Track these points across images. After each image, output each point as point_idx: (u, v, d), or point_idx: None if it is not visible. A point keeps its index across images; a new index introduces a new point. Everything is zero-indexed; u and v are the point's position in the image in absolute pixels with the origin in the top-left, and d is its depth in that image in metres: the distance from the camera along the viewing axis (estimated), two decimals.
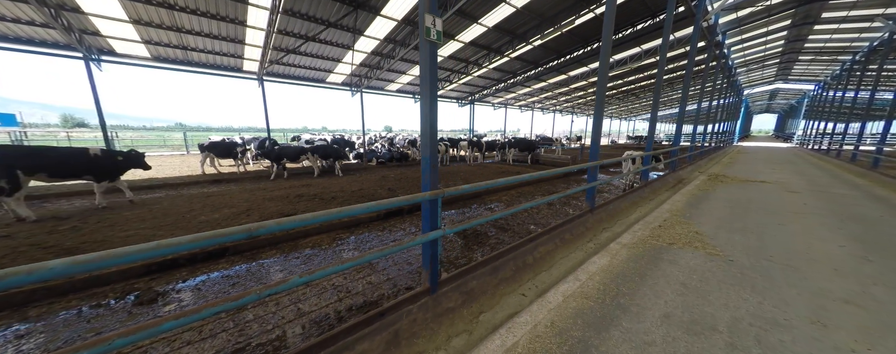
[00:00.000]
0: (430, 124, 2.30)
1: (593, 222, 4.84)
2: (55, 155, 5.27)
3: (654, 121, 7.47)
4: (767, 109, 56.52)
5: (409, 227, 5.46)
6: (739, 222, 4.48)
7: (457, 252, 4.33)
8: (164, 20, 8.05)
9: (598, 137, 5.01)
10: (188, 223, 4.92)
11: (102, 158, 5.75)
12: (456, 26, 10.17)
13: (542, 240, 3.79)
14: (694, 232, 4.04)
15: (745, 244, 3.61)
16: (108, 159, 5.85)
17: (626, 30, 11.52)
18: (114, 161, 5.95)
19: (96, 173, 5.67)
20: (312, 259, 4.08)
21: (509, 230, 5.39)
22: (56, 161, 5.22)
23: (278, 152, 9.22)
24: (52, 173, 5.19)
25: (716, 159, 14.67)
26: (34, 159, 5.02)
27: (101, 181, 5.81)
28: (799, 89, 30.96)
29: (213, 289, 3.30)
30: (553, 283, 3.00)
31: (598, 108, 4.87)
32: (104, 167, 5.77)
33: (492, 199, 7.97)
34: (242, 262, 3.94)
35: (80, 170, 5.48)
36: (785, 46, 16.97)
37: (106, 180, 5.88)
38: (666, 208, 5.47)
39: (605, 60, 4.61)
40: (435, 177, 2.40)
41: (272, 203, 6.28)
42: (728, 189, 7.02)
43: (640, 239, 3.88)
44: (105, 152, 5.87)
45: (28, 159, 4.96)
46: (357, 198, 7.02)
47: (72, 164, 5.40)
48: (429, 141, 2.33)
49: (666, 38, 6.95)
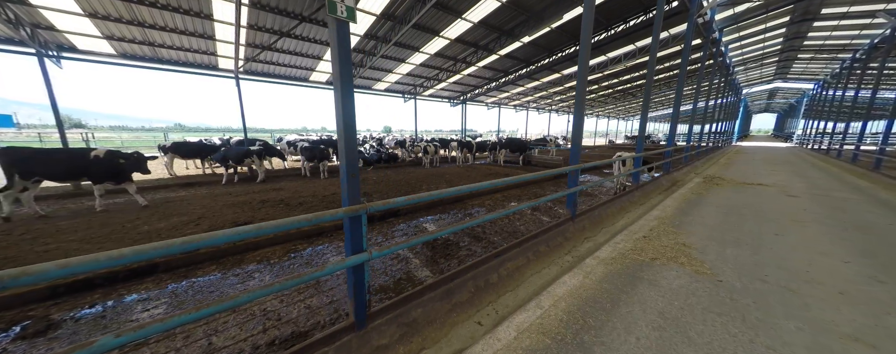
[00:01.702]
0: (346, 120, 1.89)
1: (574, 231, 4.45)
2: (54, 157, 5.26)
3: (644, 121, 7.09)
4: (766, 108, 56.55)
5: (383, 234, 5.03)
6: (733, 231, 4.09)
7: (420, 267, 3.91)
8: (123, 14, 7.61)
9: (579, 138, 4.63)
10: (126, 234, 4.48)
11: (103, 160, 5.64)
12: (438, 21, 9.78)
13: (510, 254, 3.39)
14: (681, 244, 3.65)
15: (737, 259, 3.22)
16: (109, 161, 5.73)
17: (617, 26, 11.18)
18: (115, 164, 5.80)
19: (95, 175, 5.58)
20: (253, 276, 3.65)
21: (484, 239, 4.99)
22: (54, 163, 5.21)
23: (223, 155, 8.76)
24: (50, 176, 5.20)
25: (713, 159, 14.34)
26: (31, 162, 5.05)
27: (100, 184, 5.71)
28: (798, 89, 30.81)
29: (119, 317, 2.86)
30: (517, 307, 2.60)
31: (578, 108, 4.48)
32: (104, 169, 5.65)
33: (473, 203, 7.56)
34: (172, 281, 3.51)
35: (77, 172, 5.41)
36: (784, 43, 16.70)
37: (106, 182, 5.78)
38: (654, 215, 5.09)
39: (585, 60, 4.25)
40: (354, 189, 1.98)
41: (230, 210, 5.85)
42: (723, 193, 6.65)
43: (621, 253, 3.48)
44: (109, 153, 5.76)
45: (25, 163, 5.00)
46: (326, 204, 6.60)
47: (70, 166, 5.35)
48: (346, 141, 1.91)
49: (656, 34, 6.59)
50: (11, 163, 4.92)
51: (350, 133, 1.91)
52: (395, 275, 3.70)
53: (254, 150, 9.57)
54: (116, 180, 5.87)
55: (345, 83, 1.84)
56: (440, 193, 2.44)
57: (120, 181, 5.94)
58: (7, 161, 4.90)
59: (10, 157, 4.94)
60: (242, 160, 9.40)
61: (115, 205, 6.27)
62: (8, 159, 4.93)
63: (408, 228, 5.63)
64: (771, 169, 10.60)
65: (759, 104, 49.74)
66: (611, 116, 41.43)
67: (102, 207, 5.90)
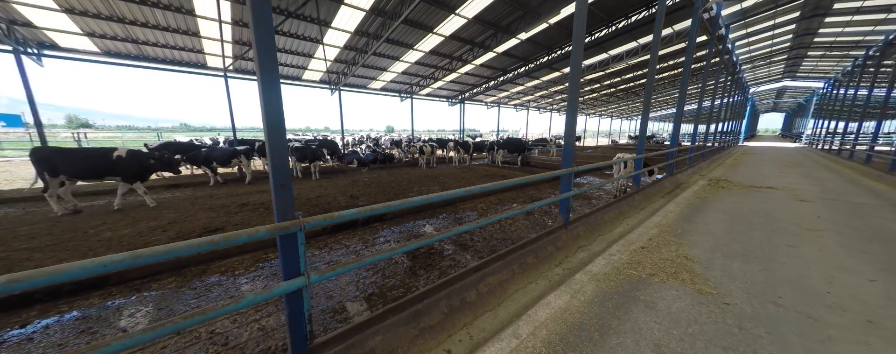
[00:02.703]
0: (271, 117, 1.58)
1: (567, 239, 4.12)
2: (79, 157, 5.50)
3: (645, 121, 6.74)
4: (774, 107, 55.68)
5: (364, 241, 4.72)
6: (740, 242, 3.74)
7: (397, 279, 3.60)
8: (101, 9, 7.38)
9: (572, 139, 4.30)
10: (85, 242, 4.21)
11: (127, 159, 5.84)
12: (431, 16, 9.47)
13: (493, 267, 3.07)
14: (683, 257, 3.31)
15: (746, 276, 2.87)
16: (135, 160, 5.95)
17: (619, 21, 10.80)
18: (142, 163, 6.04)
19: (123, 174, 5.86)
20: (212, 291, 3.35)
21: (472, 247, 4.67)
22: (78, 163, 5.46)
23: (206, 156, 8.52)
24: (74, 175, 5.47)
25: (719, 160, 13.91)
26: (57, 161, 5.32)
27: (127, 182, 5.98)
28: (808, 87, 30.17)
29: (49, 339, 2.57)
30: (494, 332, 2.29)
31: (571, 107, 4.17)
32: (130, 169, 5.89)
33: (465, 207, 7.24)
34: (121, 296, 3.22)
35: (101, 171, 5.65)
36: (793, 40, 16.21)
37: (132, 181, 6.02)
38: (655, 222, 4.74)
39: (577, 59, 3.92)
40: (286, 201, 1.67)
41: (205, 215, 5.58)
42: (730, 197, 6.28)
43: (616, 267, 3.15)
44: (130, 153, 5.94)
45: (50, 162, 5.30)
46: (308, 207, 6.31)
47: (94, 165, 5.59)
48: (273, 142, 1.60)
49: (658, 30, 6.23)
50: (39, 161, 5.27)
51: (277, 132, 1.60)
52: (366, 289, 3.40)
53: (241, 150, 9.32)
54: (141, 178, 6.13)
55: (266, 72, 1.53)
56: (401, 203, 2.13)
57: (143, 180, 6.22)
58: (36, 160, 5.27)
59: (39, 156, 5.29)
60: (229, 161, 9.15)
61: (93, 207, 6.03)
62: (37, 157, 5.28)
63: (392, 234, 5.33)
64: (780, 171, 10.18)
65: (767, 103, 48.95)
66: (614, 115, 40.91)
67: (120, 206, 6.06)
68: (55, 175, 5.37)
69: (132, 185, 6.06)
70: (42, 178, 5.36)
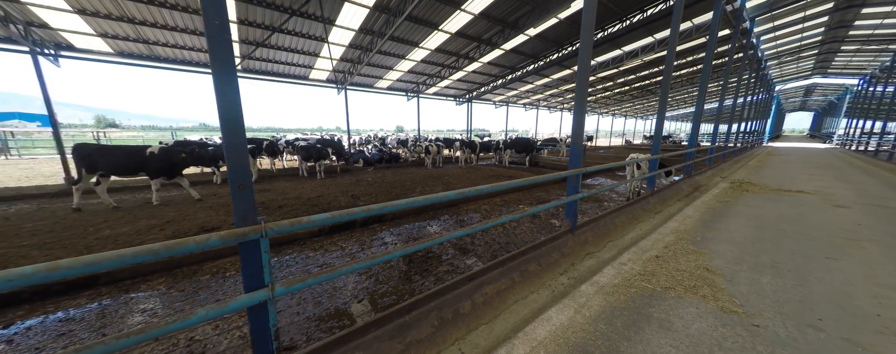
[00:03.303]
0: (228, 113, 1.41)
1: (574, 245, 3.85)
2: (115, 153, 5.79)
3: (661, 120, 6.35)
4: (802, 106, 52.87)
5: (361, 242, 4.56)
6: (769, 253, 3.38)
7: (391, 285, 3.42)
8: (111, 10, 7.53)
9: (580, 138, 4.02)
10: (82, 240, 4.22)
11: (159, 156, 6.07)
12: (436, 13, 9.28)
13: (490, 276, 2.85)
14: (704, 269, 2.99)
15: (778, 292, 2.55)
16: (166, 157, 6.17)
17: (633, 15, 10.32)
18: (172, 160, 6.27)
19: (152, 170, 6.08)
20: (199, 294, 3.26)
21: (472, 251, 4.45)
22: (114, 159, 5.74)
23: (212, 154, 8.63)
24: (111, 171, 5.77)
25: (741, 161, 13.16)
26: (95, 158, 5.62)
27: (156, 178, 6.18)
28: (840, 84, 28.41)
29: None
30: (488, 350, 2.07)
31: (579, 104, 3.90)
32: (158, 165, 6.11)
33: (468, 208, 7.02)
34: (109, 296, 3.16)
35: (135, 167, 5.93)
36: (825, 33, 15.20)
37: (162, 177, 6.24)
38: (672, 228, 4.40)
39: (586, 55, 3.64)
40: (246, 205, 1.50)
41: (204, 214, 5.56)
42: (755, 202, 5.82)
43: (626, 279, 2.87)
44: (162, 150, 6.16)
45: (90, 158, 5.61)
46: (306, 208, 6.22)
47: (129, 162, 5.86)
48: (231, 140, 1.43)
49: (676, 23, 5.83)
50: (81, 158, 5.56)
51: (234, 128, 1.43)
52: (358, 295, 3.23)
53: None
54: (169, 175, 6.32)
55: (221, 64, 1.36)
56: (381, 206, 1.94)
57: (172, 176, 6.41)
58: (77, 156, 5.56)
59: (80, 152, 5.58)
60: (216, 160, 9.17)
61: (96, 206, 6.12)
62: (78, 154, 5.57)
63: (391, 236, 5.16)
64: (810, 173, 9.49)
65: (794, 102, 46.49)
66: (628, 115, 39.70)
67: (159, 201, 6.36)
68: (93, 171, 5.68)
69: (171, 180, 6.30)
70: (79, 173, 5.67)
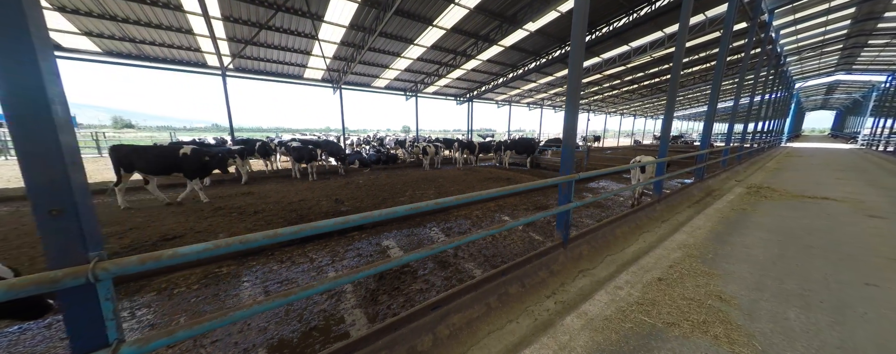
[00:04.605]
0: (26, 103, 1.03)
1: (565, 261, 3.42)
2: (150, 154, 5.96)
3: (669, 119, 5.84)
4: (824, 105, 50.82)
5: (333, 253, 4.17)
6: (795, 276, 2.87)
7: (350, 307, 3.01)
8: (92, 7, 7.36)
9: (572, 140, 3.57)
10: (17, 244, 3.94)
11: (191, 157, 6.19)
12: (429, 7, 8.89)
13: (460, 302, 2.45)
14: (716, 296, 2.52)
15: (810, 334, 2.06)
16: (196, 158, 6.28)
17: (641, 8, 9.76)
18: (201, 161, 6.37)
19: (187, 171, 6.25)
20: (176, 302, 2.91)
21: (452, 266, 4.02)
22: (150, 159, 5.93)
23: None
24: (147, 170, 5.97)
25: (758, 163, 12.41)
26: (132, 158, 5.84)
27: (193, 179, 6.38)
28: (866, 81, 27.00)
29: None
30: None
31: (570, 104, 3.46)
32: (192, 166, 6.24)
33: (459, 214, 6.59)
34: None
35: (169, 168, 6.10)
36: (851, 26, 14.30)
37: (196, 177, 6.42)
38: (679, 241, 3.91)
39: (579, 50, 3.20)
40: (64, 238, 1.11)
41: (173, 219, 5.28)
42: (775, 210, 5.25)
43: (621, 309, 2.42)
44: (194, 151, 6.27)
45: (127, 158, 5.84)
46: (284, 213, 5.89)
47: (163, 162, 6.04)
48: (32, 142, 1.04)
49: (685, 16, 5.32)
50: (118, 158, 5.76)
51: (36, 128, 1.04)
52: (310, 320, 2.84)
53: (235, 150, 9.15)
54: (201, 175, 6.45)
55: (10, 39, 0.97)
56: (313, 225, 1.54)
57: (203, 177, 6.54)
58: (115, 156, 5.77)
59: (117, 153, 5.78)
60: (224, 161, 8.97)
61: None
62: (115, 154, 5.78)
63: (368, 246, 4.78)
64: (835, 177, 8.77)
65: (815, 100, 44.66)
66: (637, 114, 38.66)
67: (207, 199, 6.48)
68: (130, 171, 5.89)
69: (191, 181, 6.39)
70: (117, 173, 5.85)
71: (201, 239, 4.71)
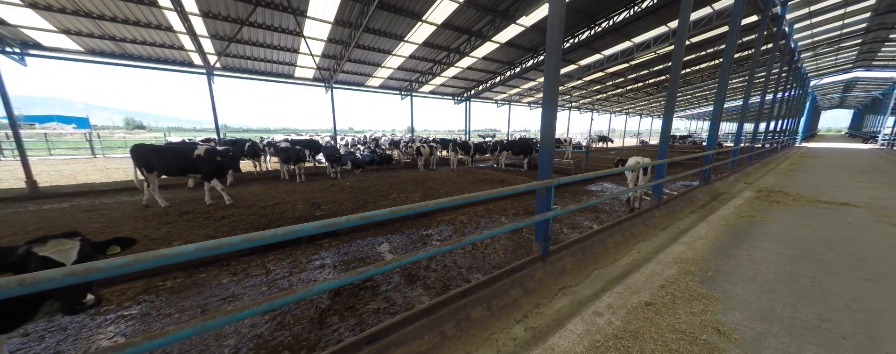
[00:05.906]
0: None
1: (544, 277, 3.05)
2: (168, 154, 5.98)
3: (669, 118, 5.40)
4: (840, 103, 49.26)
5: (294, 262, 3.82)
6: (812, 301, 2.43)
7: (300, 327, 2.65)
8: (65, 4, 7.17)
9: (551, 141, 3.19)
10: None
11: (205, 158, 6.15)
12: (417, 1, 8.53)
13: (403, 333, 2.09)
14: (712, 328, 2.10)
15: None
16: (210, 159, 6.22)
17: (642, 1, 9.27)
18: (215, 161, 6.30)
19: (203, 171, 6.19)
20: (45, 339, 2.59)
21: (421, 279, 3.65)
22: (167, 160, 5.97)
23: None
24: (165, 171, 6.04)
25: (770, 164, 11.79)
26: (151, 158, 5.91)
27: (208, 180, 6.32)
28: (886, 78, 25.92)
29: None
30: None
31: (547, 100, 3.10)
32: (206, 166, 6.17)
33: (443, 220, 6.21)
34: None
35: (185, 168, 6.11)
36: (871, 20, 13.59)
37: (213, 178, 6.34)
38: (676, 254, 3.48)
39: (555, 42, 2.82)
40: None
41: (133, 224, 5.00)
42: (787, 217, 4.77)
43: (595, 344, 2.03)
44: (208, 152, 6.22)
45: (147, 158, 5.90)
46: (257, 219, 5.57)
47: (180, 163, 6.04)
48: None
49: (686, 8, 4.88)
50: (137, 158, 5.82)
51: None
52: (240, 347, 2.47)
53: (220, 151, 8.92)
54: (218, 176, 6.39)
55: None
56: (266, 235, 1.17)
57: (220, 177, 6.49)
58: (136, 156, 5.83)
59: (138, 153, 5.83)
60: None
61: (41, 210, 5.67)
62: (136, 155, 5.84)
63: (336, 255, 4.42)
64: (855, 179, 8.18)
65: (831, 99, 43.26)
66: (643, 113, 37.84)
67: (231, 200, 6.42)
68: (150, 171, 5.92)
69: (210, 183, 6.30)
70: (141, 172, 5.94)
71: (153, 247, 4.41)
